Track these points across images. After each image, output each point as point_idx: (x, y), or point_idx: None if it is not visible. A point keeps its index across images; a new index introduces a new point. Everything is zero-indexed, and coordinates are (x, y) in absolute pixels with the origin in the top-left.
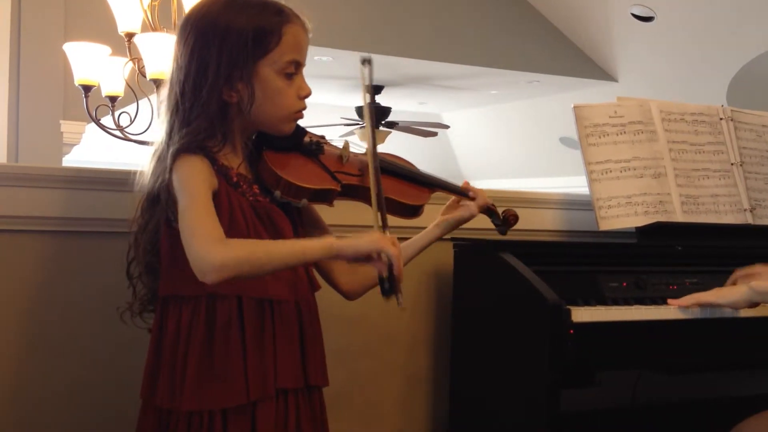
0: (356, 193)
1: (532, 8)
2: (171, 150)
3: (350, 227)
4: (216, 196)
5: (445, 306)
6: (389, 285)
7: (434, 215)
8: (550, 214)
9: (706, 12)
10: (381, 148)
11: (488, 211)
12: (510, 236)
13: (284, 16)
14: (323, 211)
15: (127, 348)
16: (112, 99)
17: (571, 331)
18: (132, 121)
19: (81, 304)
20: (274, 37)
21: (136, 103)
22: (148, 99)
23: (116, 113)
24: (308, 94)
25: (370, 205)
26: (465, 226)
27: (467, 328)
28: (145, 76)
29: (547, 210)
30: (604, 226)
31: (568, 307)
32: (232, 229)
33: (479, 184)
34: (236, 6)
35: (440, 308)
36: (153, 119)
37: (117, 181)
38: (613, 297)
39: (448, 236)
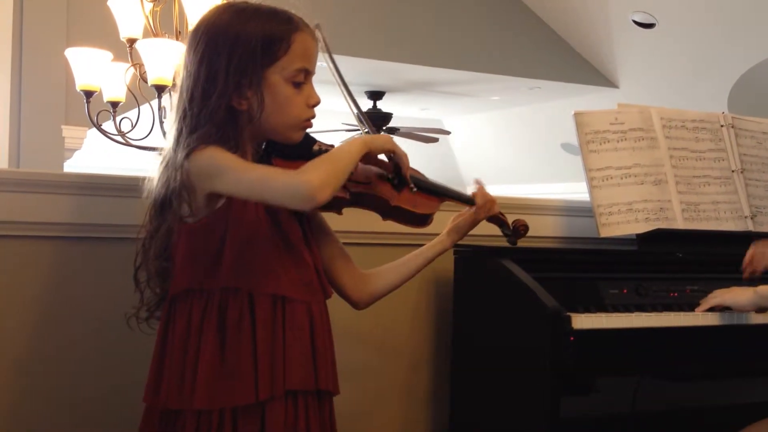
0: (364, 201)
1: (533, 15)
2: (181, 154)
3: (357, 233)
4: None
5: (446, 312)
6: (398, 180)
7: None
8: (551, 221)
9: (708, 19)
10: None
11: (498, 220)
12: None
13: (293, 24)
14: (330, 219)
15: (134, 355)
16: (114, 104)
17: (572, 338)
18: (133, 127)
19: (87, 310)
20: (282, 44)
21: (137, 109)
22: (150, 104)
23: (118, 119)
24: (317, 103)
25: (379, 213)
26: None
27: (468, 334)
28: (146, 82)
29: (547, 216)
30: (605, 232)
31: (568, 313)
32: (245, 228)
33: None
34: (246, 14)
35: (440, 315)
36: (154, 124)
37: (126, 187)
38: (614, 304)
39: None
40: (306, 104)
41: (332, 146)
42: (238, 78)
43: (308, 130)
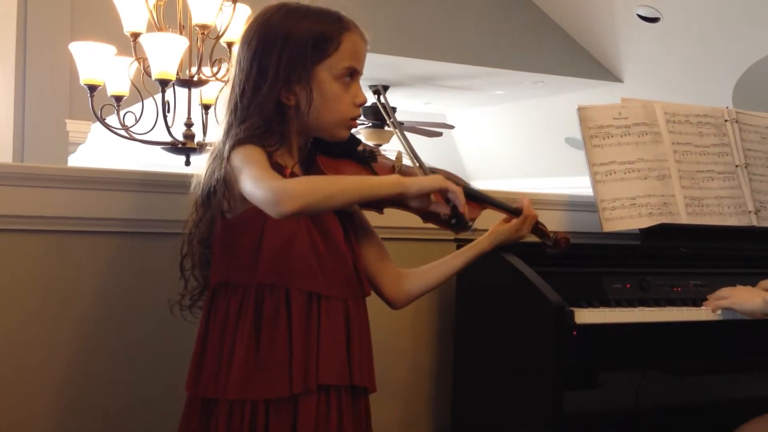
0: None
1: (537, 9)
2: (227, 145)
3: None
4: None
5: (449, 307)
6: (456, 221)
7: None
8: (555, 215)
9: (712, 13)
10: (386, 149)
11: (538, 231)
12: None
13: (344, 23)
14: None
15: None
16: (118, 98)
17: (574, 333)
18: (137, 121)
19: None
20: (333, 43)
21: (141, 103)
22: (153, 99)
23: (121, 113)
24: (363, 102)
25: (419, 215)
26: None
27: (470, 329)
28: (150, 76)
29: (551, 211)
30: (608, 227)
31: (571, 308)
32: (283, 225)
33: (484, 184)
34: (298, 13)
35: (444, 308)
36: (158, 119)
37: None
38: (617, 299)
39: (451, 237)
40: (352, 103)
41: (376, 148)
42: (287, 73)
43: None
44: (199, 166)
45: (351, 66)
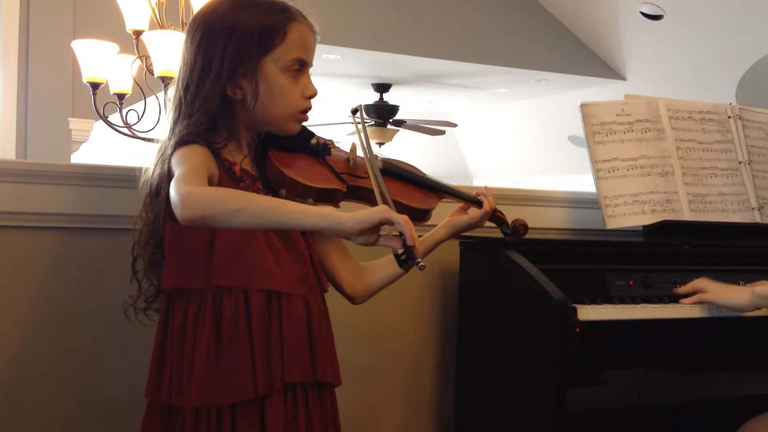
0: (362, 194)
1: (540, 7)
2: (171, 142)
3: None
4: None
5: (452, 304)
6: (405, 256)
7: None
8: (558, 213)
9: (716, 10)
10: (388, 147)
11: (496, 219)
12: None
13: (290, 14)
14: None
15: (134, 347)
16: (120, 96)
17: (577, 330)
18: (140, 119)
19: (89, 301)
20: (278, 34)
21: (143, 101)
22: (156, 96)
23: (124, 111)
24: (314, 95)
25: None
26: None
27: (473, 326)
28: (152, 74)
29: (554, 208)
30: (611, 224)
31: (574, 305)
32: None
33: (487, 182)
34: (243, 4)
35: (446, 306)
36: (161, 116)
37: (128, 177)
38: (620, 295)
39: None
40: (302, 95)
41: (330, 141)
42: (232, 66)
43: (319, 124)
44: (148, 160)
45: (299, 57)
